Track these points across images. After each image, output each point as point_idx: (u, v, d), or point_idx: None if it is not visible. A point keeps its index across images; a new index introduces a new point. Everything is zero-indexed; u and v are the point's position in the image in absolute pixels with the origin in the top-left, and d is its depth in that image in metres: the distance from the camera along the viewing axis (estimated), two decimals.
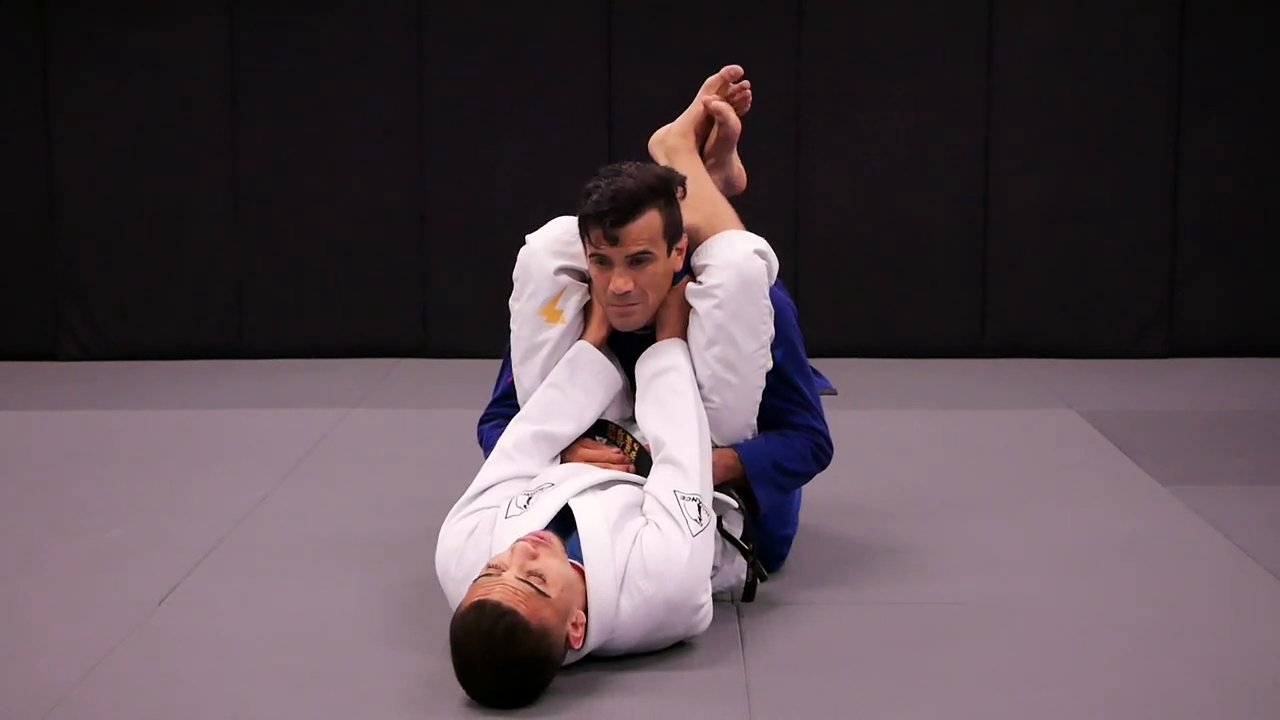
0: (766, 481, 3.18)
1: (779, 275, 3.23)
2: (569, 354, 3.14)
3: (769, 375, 3.17)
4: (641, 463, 3.08)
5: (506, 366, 3.32)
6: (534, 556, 2.64)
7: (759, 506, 3.18)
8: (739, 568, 3.12)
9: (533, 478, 3.02)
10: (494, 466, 3.05)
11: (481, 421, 3.40)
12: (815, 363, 3.52)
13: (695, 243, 3.17)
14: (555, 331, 3.16)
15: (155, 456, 4.73)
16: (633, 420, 3.16)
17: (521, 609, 2.55)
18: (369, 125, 6.45)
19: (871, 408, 5.40)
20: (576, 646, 2.68)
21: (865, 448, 4.75)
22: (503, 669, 2.55)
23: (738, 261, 3.07)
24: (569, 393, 3.11)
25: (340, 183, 6.48)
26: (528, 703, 2.60)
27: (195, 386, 5.93)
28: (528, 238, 3.23)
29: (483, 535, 2.87)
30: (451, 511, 2.99)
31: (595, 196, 3.00)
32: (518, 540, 2.71)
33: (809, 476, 3.31)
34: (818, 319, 6.39)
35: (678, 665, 2.80)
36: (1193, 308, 6.43)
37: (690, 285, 3.11)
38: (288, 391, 5.83)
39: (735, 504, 3.13)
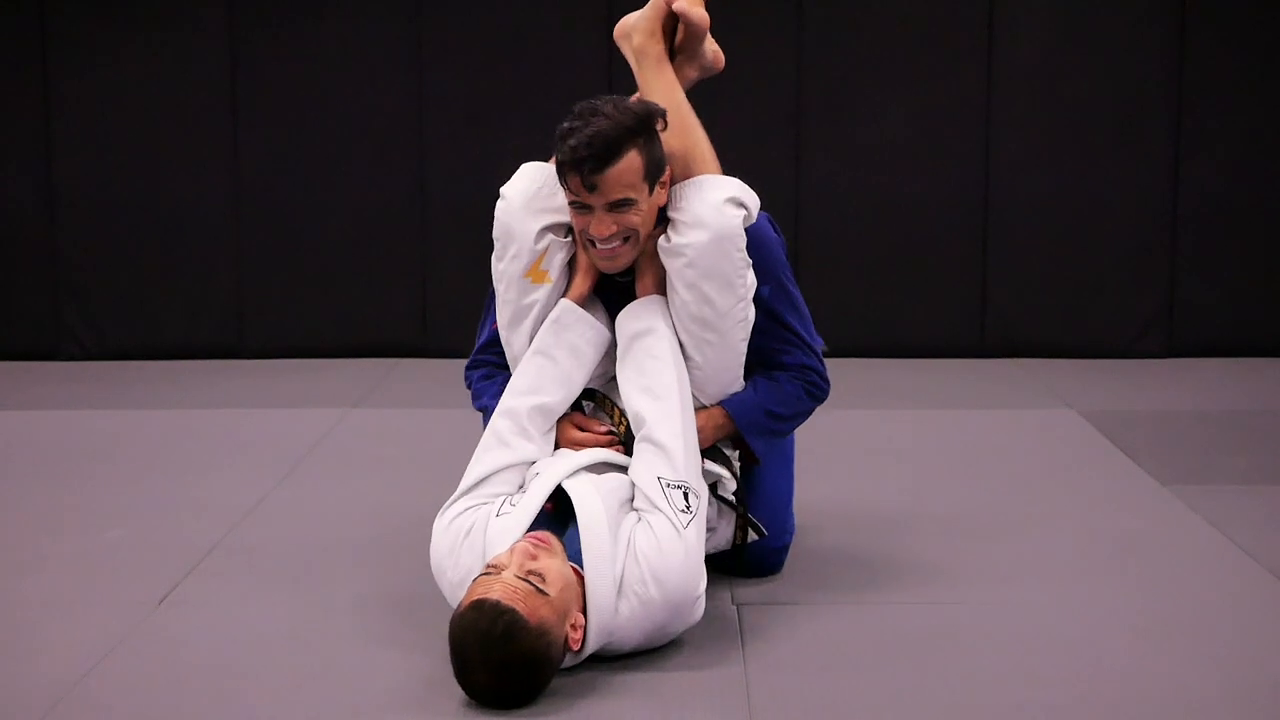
0: (760, 431, 3.14)
1: (767, 208, 3.15)
2: (553, 314, 3.07)
3: (758, 314, 3.10)
4: (631, 439, 3.03)
5: (489, 312, 3.25)
6: (534, 557, 2.64)
7: (757, 457, 3.15)
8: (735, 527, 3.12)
9: (530, 464, 2.99)
10: (490, 454, 2.99)
11: (470, 368, 3.32)
12: None
13: (671, 173, 3.04)
14: (542, 292, 3.08)
15: (155, 456, 4.73)
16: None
17: (520, 607, 2.54)
18: (369, 125, 6.45)
19: (871, 408, 5.40)
20: (575, 649, 2.68)
21: (864, 448, 4.76)
22: (501, 668, 2.54)
23: (707, 217, 2.96)
24: (556, 357, 3.05)
25: (340, 183, 6.48)
26: (526, 703, 2.60)
27: (195, 386, 5.93)
28: (503, 191, 3.11)
29: (477, 536, 2.84)
30: (447, 503, 2.96)
31: (571, 142, 2.87)
32: (518, 541, 2.71)
33: (805, 415, 3.25)
34: (817, 318, 6.37)
35: (677, 666, 2.80)
36: (1193, 308, 6.43)
37: (661, 242, 3.01)
38: (288, 391, 5.83)
39: (727, 472, 3.11)
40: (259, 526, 3.85)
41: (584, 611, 2.69)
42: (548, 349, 3.06)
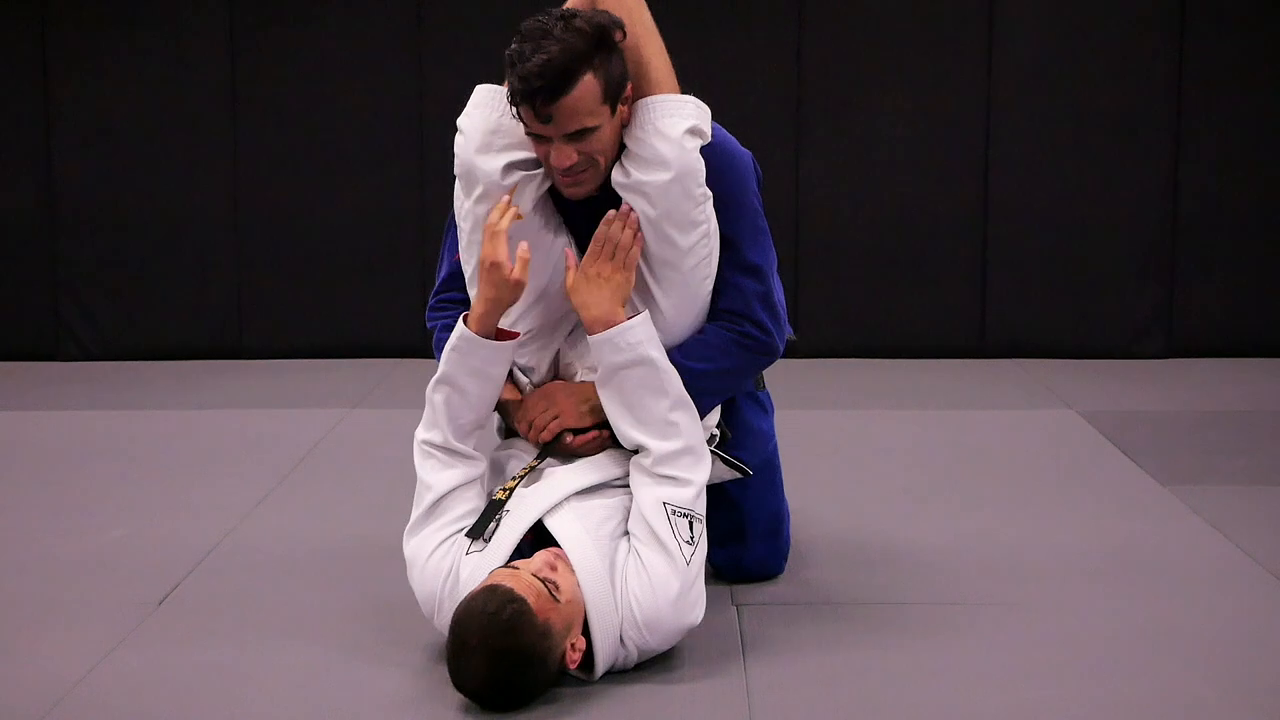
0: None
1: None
2: (452, 341, 2.79)
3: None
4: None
5: (449, 242, 3.07)
6: (554, 568, 2.62)
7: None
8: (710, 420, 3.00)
9: (480, 477, 2.86)
10: (438, 475, 2.84)
11: (432, 309, 3.12)
12: (814, 363, 3.41)
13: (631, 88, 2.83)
14: (511, 228, 2.81)
15: (155, 456, 4.73)
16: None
17: (532, 602, 2.52)
18: (369, 125, 6.45)
19: (872, 408, 5.41)
20: (572, 668, 2.64)
21: (865, 448, 4.76)
22: (498, 657, 2.50)
23: (668, 154, 2.76)
24: (462, 384, 2.81)
25: (340, 183, 6.48)
26: (511, 706, 2.56)
27: (195, 386, 5.93)
28: (460, 125, 2.88)
29: (455, 581, 2.74)
30: (411, 525, 2.84)
31: (521, 71, 2.65)
32: (538, 551, 2.69)
33: (740, 373, 2.99)
34: (818, 319, 6.41)
35: (678, 668, 2.79)
36: (1193, 308, 6.44)
37: (618, 176, 2.81)
38: (288, 391, 5.83)
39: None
40: (259, 527, 3.85)
41: (586, 635, 2.66)
42: (451, 378, 2.82)
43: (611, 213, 2.82)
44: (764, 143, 6.55)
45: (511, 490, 2.84)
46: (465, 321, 2.81)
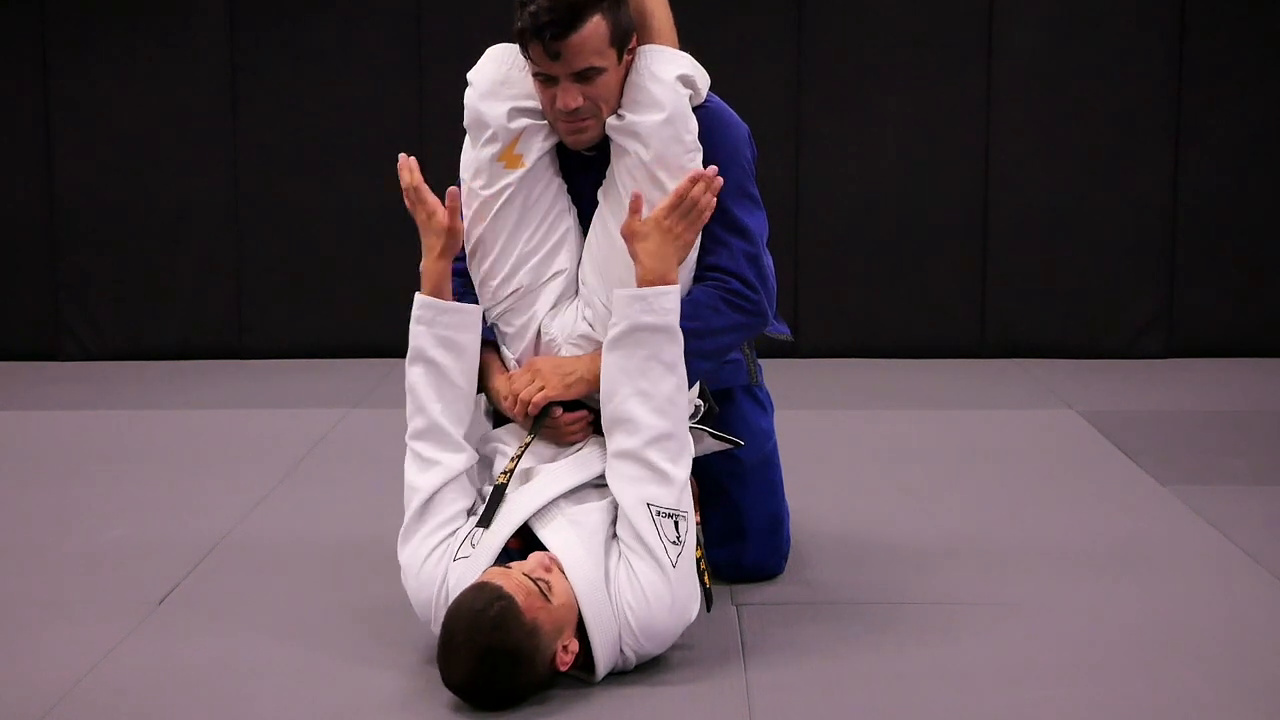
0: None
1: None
2: (414, 314, 2.93)
3: None
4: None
5: None
6: (549, 570, 2.62)
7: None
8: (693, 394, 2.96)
9: (466, 470, 2.85)
10: (423, 476, 2.85)
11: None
12: (814, 363, 3.39)
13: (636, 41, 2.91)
14: (514, 177, 2.92)
15: (155, 456, 4.73)
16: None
17: (520, 600, 2.52)
18: (369, 125, 6.45)
19: (872, 408, 5.41)
20: (563, 669, 2.63)
21: (865, 448, 4.76)
22: (483, 653, 2.49)
23: (662, 96, 2.84)
24: (435, 358, 2.88)
25: (340, 183, 6.48)
26: (499, 704, 2.56)
27: (195, 386, 5.93)
28: (470, 77, 3.01)
29: (447, 591, 2.73)
30: (404, 531, 2.83)
31: (532, 7, 2.73)
32: (534, 553, 2.69)
33: (731, 332, 2.95)
34: (818, 319, 6.41)
35: (678, 667, 2.79)
36: (1193, 308, 6.43)
37: (611, 121, 2.87)
38: (288, 391, 5.83)
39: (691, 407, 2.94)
40: (259, 526, 3.85)
41: (578, 637, 2.64)
42: (422, 352, 2.90)
43: (697, 170, 2.82)
44: (764, 142, 6.53)
45: (511, 472, 2.82)
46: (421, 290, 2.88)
